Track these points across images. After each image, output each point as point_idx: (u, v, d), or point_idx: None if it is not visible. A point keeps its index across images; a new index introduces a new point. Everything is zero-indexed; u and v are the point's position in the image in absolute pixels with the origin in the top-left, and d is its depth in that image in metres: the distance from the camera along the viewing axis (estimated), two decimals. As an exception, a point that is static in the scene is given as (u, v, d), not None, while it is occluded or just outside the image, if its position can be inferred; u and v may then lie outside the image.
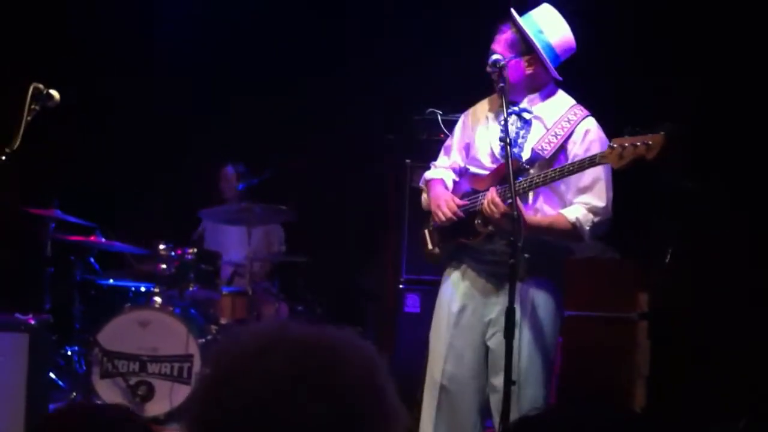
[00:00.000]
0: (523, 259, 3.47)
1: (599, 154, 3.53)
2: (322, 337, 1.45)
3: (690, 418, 4.97)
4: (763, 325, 5.06)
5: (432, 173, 4.09)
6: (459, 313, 3.85)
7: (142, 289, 6.42)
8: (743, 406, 4.97)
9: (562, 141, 3.73)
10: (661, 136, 3.39)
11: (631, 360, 5.23)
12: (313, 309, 7.03)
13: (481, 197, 3.72)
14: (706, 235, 5.47)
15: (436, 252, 4.01)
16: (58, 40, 7.63)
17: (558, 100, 3.87)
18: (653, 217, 5.86)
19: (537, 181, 3.63)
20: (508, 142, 3.56)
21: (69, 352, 6.47)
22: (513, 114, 3.79)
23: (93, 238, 6.31)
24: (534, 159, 3.72)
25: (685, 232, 5.54)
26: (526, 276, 3.62)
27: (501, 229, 3.65)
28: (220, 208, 6.88)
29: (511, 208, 3.49)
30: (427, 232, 4.03)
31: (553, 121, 3.78)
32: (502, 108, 3.72)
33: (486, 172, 3.84)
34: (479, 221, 3.75)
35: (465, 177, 3.97)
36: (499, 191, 3.66)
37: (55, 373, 6.12)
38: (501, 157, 3.79)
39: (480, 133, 3.93)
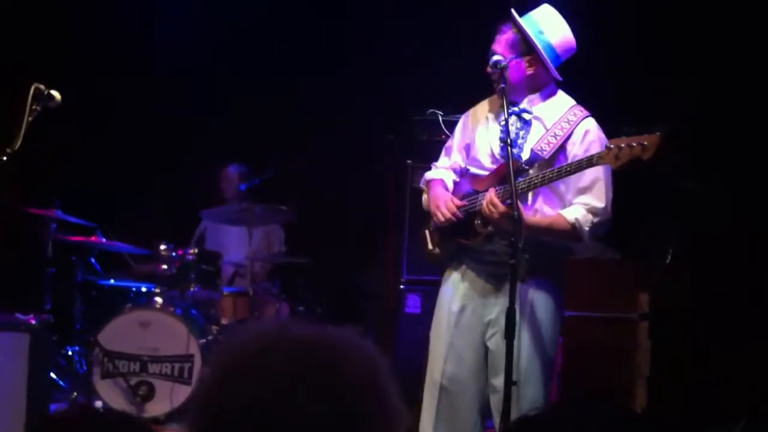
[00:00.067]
0: (524, 260, 3.47)
1: (596, 155, 3.54)
2: (322, 337, 1.45)
3: (690, 418, 4.96)
4: (763, 325, 5.06)
5: (432, 174, 4.09)
6: (459, 313, 3.85)
7: (143, 289, 6.42)
8: (743, 406, 4.97)
9: (561, 141, 3.73)
10: (656, 137, 3.40)
11: (632, 360, 5.22)
12: (313, 309, 7.03)
13: (481, 198, 3.73)
14: (706, 235, 5.46)
15: (436, 252, 4.01)
16: (58, 40, 7.62)
17: (558, 101, 3.87)
18: (653, 217, 5.86)
19: (535, 182, 3.64)
20: (509, 143, 3.57)
21: (70, 353, 6.46)
22: (513, 114, 3.79)
23: (94, 238, 6.31)
24: (533, 159, 3.72)
25: (685, 233, 5.54)
26: (526, 276, 3.62)
27: (500, 229, 3.66)
28: (220, 209, 6.87)
29: (511, 209, 3.50)
30: (427, 233, 4.04)
31: (553, 122, 3.78)
32: (502, 108, 3.72)
33: (486, 173, 3.85)
34: (479, 222, 3.75)
35: (465, 177, 3.97)
36: (498, 192, 3.66)
37: (55, 373, 6.11)
38: (501, 157, 3.80)
39: (480, 133, 3.94)
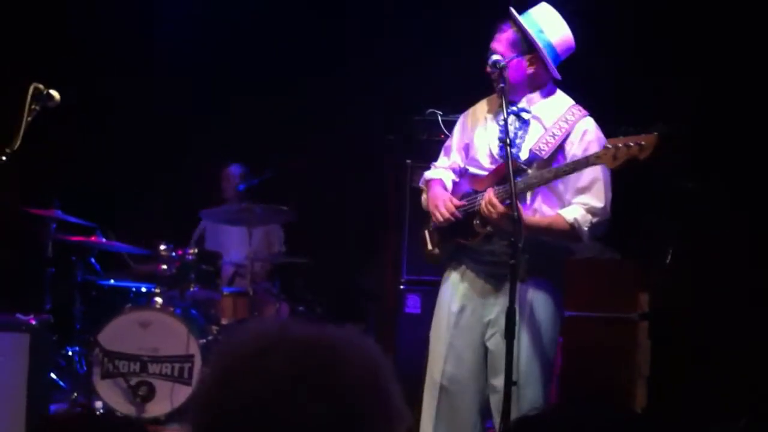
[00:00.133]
0: (524, 260, 3.47)
1: (594, 155, 3.54)
2: (322, 337, 1.45)
3: (690, 418, 4.96)
4: (763, 325, 5.06)
5: (431, 173, 4.09)
6: (458, 313, 3.85)
7: (143, 289, 6.40)
8: (743, 406, 4.97)
9: (560, 141, 3.73)
10: (654, 137, 3.40)
11: (632, 360, 5.22)
12: (313, 309, 7.02)
13: (480, 198, 3.73)
14: (706, 235, 5.46)
15: (435, 252, 4.01)
16: (58, 40, 7.62)
17: (557, 100, 3.87)
18: (653, 217, 5.86)
19: (533, 182, 3.64)
20: (508, 143, 3.57)
21: (70, 353, 6.46)
22: (511, 114, 3.79)
23: (94, 238, 6.30)
24: (532, 159, 3.72)
25: (685, 233, 5.54)
26: (526, 277, 3.62)
27: (499, 229, 3.66)
28: (220, 209, 6.87)
29: (509, 209, 3.50)
30: (427, 233, 4.03)
31: (552, 122, 3.78)
32: (501, 108, 3.73)
33: (485, 173, 3.84)
34: (478, 222, 3.75)
35: (465, 178, 3.97)
36: (497, 192, 3.66)
37: (55, 374, 6.11)
38: (499, 157, 3.80)
39: (479, 133, 3.94)
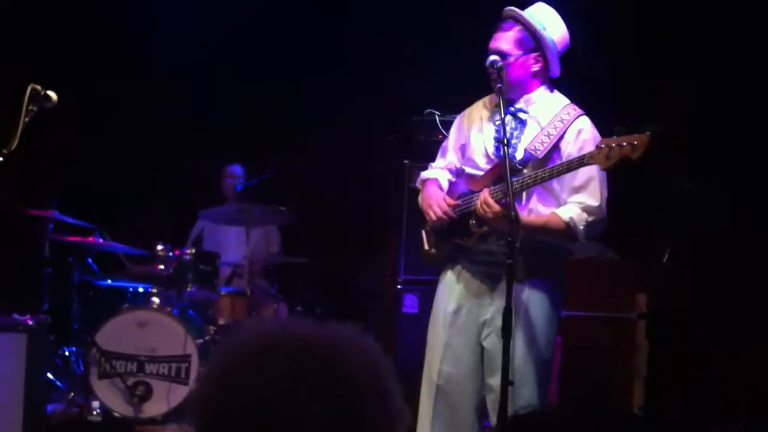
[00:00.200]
0: (521, 260, 3.46)
1: (587, 155, 3.55)
2: (323, 336, 1.44)
3: (688, 418, 4.96)
4: (763, 325, 5.05)
5: (427, 173, 4.10)
6: (454, 313, 3.85)
7: (140, 289, 6.40)
8: (742, 407, 4.96)
9: (555, 141, 3.73)
10: (646, 136, 3.41)
11: (630, 360, 5.22)
12: (312, 309, 7.01)
13: (476, 198, 3.73)
14: (705, 235, 5.45)
15: (432, 253, 4.01)
16: (58, 40, 7.62)
17: (553, 99, 3.87)
18: (653, 217, 5.85)
19: (528, 182, 3.64)
20: (505, 143, 3.56)
21: (67, 353, 6.46)
22: (508, 114, 3.78)
23: (91, 239, 6.30)
24: (527, 159, 3.72)
25: (685, 233, 5.53)
26: (523, 277, 3.61)
27: (496, 229, 3.65)
28: (219, 209, 6.88)
29: (505, 209, 3.51)
30: (424, 233, 4.04)
31: (547, 121, 3.78)
32: (497, 108, 3.75)
33: (481, 173, 3.85)
34: (473, 222, 3.75)
35: (461, 178, 3.97)
36: (492, 191, 3.66)
37: (53, 374, 6.12)
38: (495, 157, 3.81)
39: (475, 133, 3.94)
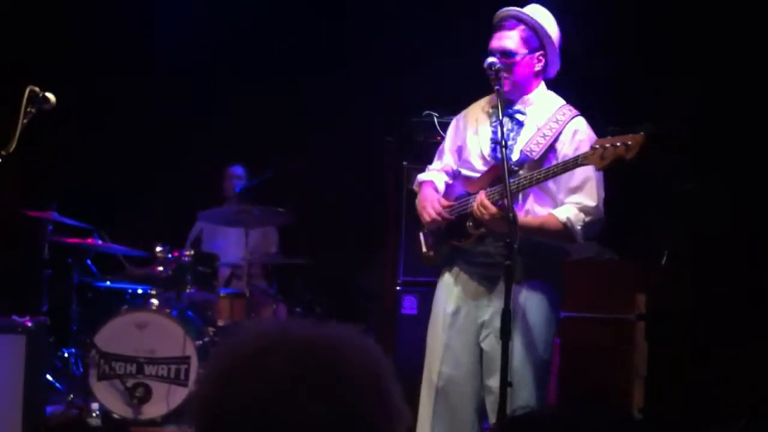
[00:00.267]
0: (519, 261, 3.46)
1: (582, 155, 3.54)
2: (322, 337, 1.44)
3: (687, 419, 4.95)
4: (763, 325, 5.04)
5: (424, 176, 4.11)
6: (453, 315, 3.86)
7: (140, 291, 6.38)
8: (741, 407, 4.96)
9: (551, 141, 3.74)
10: (640, 136, 3.41)
11: (629, 361, 5.22)
12: (312, 310, 7.01)
13: (472, 200, 3.74)
14: (705, 235, 5.44)
15: (431, 255, 4.01)
16: (58, 40, 7.62)
17: (549, 100, 3.88)
18: (652, 217, 5.84)
19: (524, 183, 3.64)
20: (503, 145, 3.56)
21: (66, 354, 6.47)
22: (505, 116, 3.78)
23: (90, 240, 6.29)
24: (523, 161, 3.73)
25: (685, 233, 5.52)
26: (521, 278, 3.61)
27: (493, 231, 3.66)
28: (218, 210, 6.87)
29: (501, 210, 3.52)
30: (422, 236, 4.04)
31: (543, 122, 3.79)
32: (494, 109, 3.77)
33: (477, 175, 3.85)
34: (470, 224, 3.76)
35: (458, 180, 3.98)
36: (489, 193, 3.66)
37: (52, 375, 6.13)
38: (491, 158, 3.81)
39: (471, 135, 3.94)
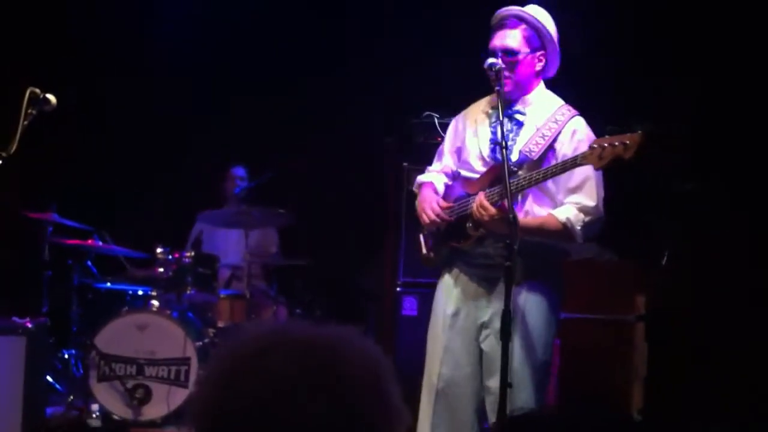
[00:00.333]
0: (519, 262, 3.45)
1: (580, 155, 3.54)
2: (322, 337, 1.44)
3: (687, 420, 4.95)
4: (763, 326, 5.04)
5: (423, 177, 4.11)
6: (453, 316, 3.86)
7: (140, 292, 6.38)
8: (741, 407, 4.95)
9: (550, 142, 3.74)
10: (638, 135, 3.41)
11: (629, 362, 5.21)
12: (312, 311, 7.00)
13: (472, 201, 3.73)
14: (705, 235, 5.44)
15: (430, 256, 4.01)
16: (58, 40, 7.61)
17: (548, 100, 3.88)
18: (652, 218, 5.84)
19: (523, 184, 3.64)
20: (504, 145, 3.56)
21: (66, 356, 6.47)
22: (505, 116, 3.77)
23: (90, 241, 6.29)
24: (522, 161, 3.72)
25: (685, 233, 5.52)
26: (521, 279, 3.61)
27: (493, 232, 3.66)
28: (217, 212, 6.88)
29: (501, 211, 3.52)
30: (421, 237, 4.05)
31: (542, 122, 3.79)
32: (493, 110, 3.78)
33: (477, 176, 3.85)
34: (470, 225, 3.75)
35: (458, 181, 3.97)
36: (488, 194, 3.66)
37: (52, 377, 6.14)
38: (490, 159, 3.81)
39: (470, 136, 3.94)
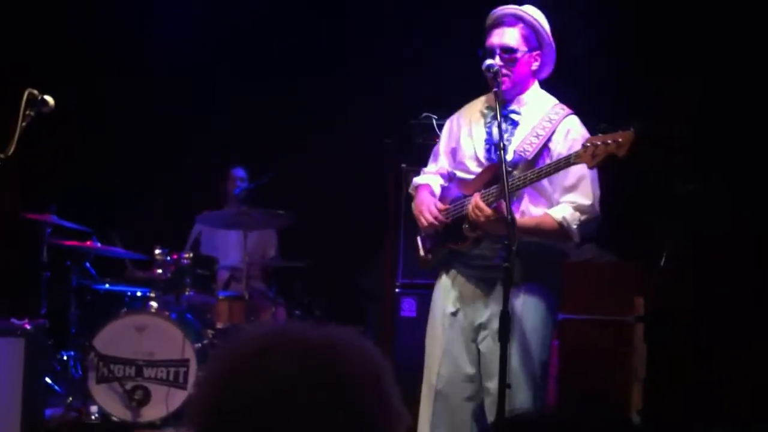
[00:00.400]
0: (517, 263, 3.44)
1: (574, 154, 3.54)
2: (322, 337, 1.45)
3: (686, 420, 4.94)
4: (764, 327, 5.03)
5: (419, 179, 4.10)
6: (451, 317, 3.86)
7: (138, 293, 6.39)
8: (740, 408, 4.94)
9: (544, 141, 3.74)
10: (630, 133, 3.41)
11: (628, 363, 5.21)
12: (311, 312, 7.00)
13: (467, 202, 3.73)
14: (706, 236, 5.43)
15: (428, 258, 4.01)
16: (58, 40, 7.61)
17: (542, 99, 3.88)
18: (654, 218, 5.83)
19: (517, 184, 3.63)
20: (502, 146, 3.55)
21: (65, 357, 6.48)
22: (501, 116, 3.76)
23: (89, 243, 6.29)
24: (516, 161, 3.72)
25: (686, 234, 5.51)
26: (519, 280, 3.60)
27: (489, 233, 3.65)
28: (216, 213, 6.88)
29: (496, 212, 3.52)
30: (419, 239, 4.05)
31: (537, 121, 3.78)
32: (489, 110, 3.81)
33: (472, 177, 3.84)
34: (467, 226, 3.74)
35: (453, 182, 3.97)
36: (483, 195, 3.65)
37: (51, 378, 6.13)
38: (485, 160, 3.81)
39: (465, 137, 3.93)
